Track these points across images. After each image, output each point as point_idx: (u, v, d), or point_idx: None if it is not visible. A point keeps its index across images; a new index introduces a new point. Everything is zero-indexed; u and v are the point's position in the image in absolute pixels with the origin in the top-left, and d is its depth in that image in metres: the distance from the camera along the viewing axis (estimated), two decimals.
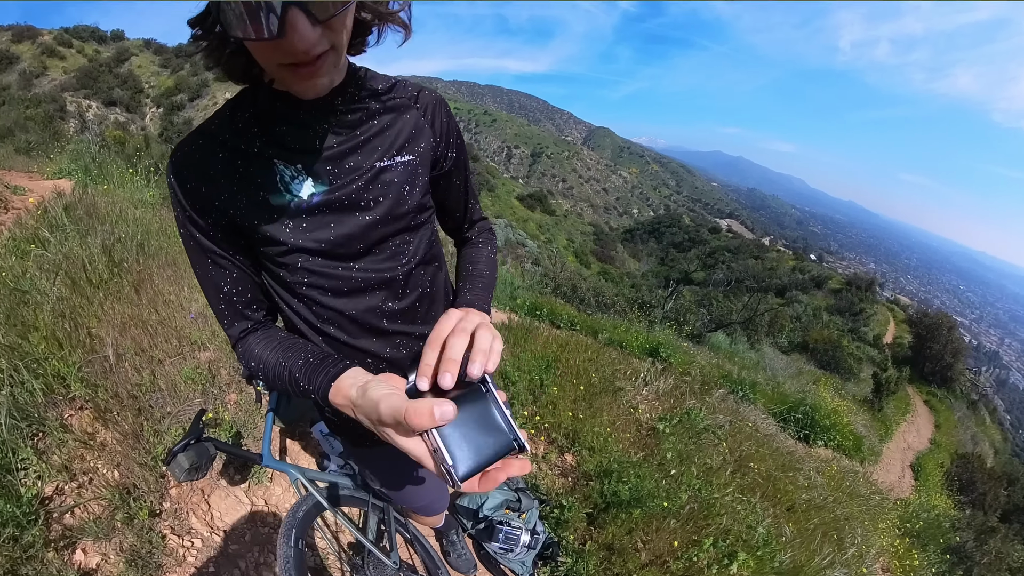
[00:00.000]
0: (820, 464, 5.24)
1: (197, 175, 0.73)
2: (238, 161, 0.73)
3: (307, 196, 0.75)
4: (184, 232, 0.76)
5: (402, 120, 0.82)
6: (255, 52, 0.63)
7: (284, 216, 0.75)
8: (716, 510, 2.57)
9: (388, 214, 0.80)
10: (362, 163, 0.78)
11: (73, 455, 1.87)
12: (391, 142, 0.80)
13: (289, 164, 0.74)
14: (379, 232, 0.81)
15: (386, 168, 0.79)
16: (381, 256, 0.83)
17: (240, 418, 2.30)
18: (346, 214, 0.78)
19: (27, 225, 3.59)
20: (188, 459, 1.28)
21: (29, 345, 2.14)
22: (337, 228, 0.78)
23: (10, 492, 1.63)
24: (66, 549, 1.61)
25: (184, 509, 1.89)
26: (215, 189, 0.73)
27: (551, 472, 2.69)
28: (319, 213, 0.76)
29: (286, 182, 0.74)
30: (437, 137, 0.87)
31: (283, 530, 1.51)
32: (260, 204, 0.74)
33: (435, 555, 1.91)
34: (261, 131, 0.74)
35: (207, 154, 0.73)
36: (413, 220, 0.85)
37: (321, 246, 0.77)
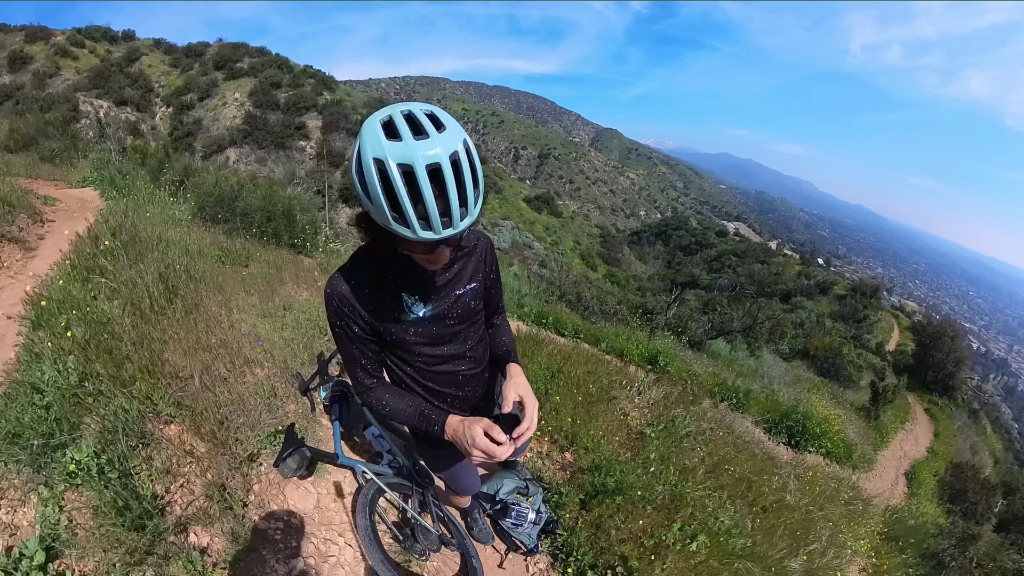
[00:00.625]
0: (801, 469, 5.65)
1: (354, 305, 1.27)
2: (378, 294, 1.29)
3: (422, 314, 1.34)
4: (339, 332, 1.32)
5: (469, 260, 1.41)
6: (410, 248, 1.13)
7: (410, 325, 1.35)
8: (686, 502, 3.11)
9: (463, 319, 1.43)
10: (451, 291, 1.38)
11: (172, 461, 2.32)
12: (465, 276, 1.41)
13: (411, 295, 1.33)
14: (458, 328, 1.44)
15: (463, 293, 1.40)
16: (459, 341, 1.47)
17: (301, 424, 2.79)
18: (442, 322, 1.39)
19: (83, 252, 3.98)
20: (295, 462, 1.76)
21: (123, 372, 2.60)
22: (438, 329, 1.40)
23: (134, 492, 2.09)
24: (182, 534, 2.08)
25: (267, 500, 2.37)
26: (366, 312, 1.29)
27: (552, 466, 3.24)
28: (428, 323, 1.37)
29: (409, 306, 1.33)
30: (487, 269, 1.48)
31: (358, 508, 2.06)
32: (395, 320, 1.33)
33: (461, 528, 2.46)
34: (393, 275, 1.29)
35: (360, 289, 1.27)
36: (475, 319, 1.49)
37: (429, 340, 1.41)
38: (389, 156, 0.95)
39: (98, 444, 2.21)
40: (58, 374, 2.53)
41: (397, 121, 0.98)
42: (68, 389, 2.46)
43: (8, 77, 35.30)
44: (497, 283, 1.56)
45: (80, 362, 2.61)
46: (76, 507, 2.04)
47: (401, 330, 1.34)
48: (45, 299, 3.16)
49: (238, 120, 33.33)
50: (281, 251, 6.42)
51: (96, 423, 2.34)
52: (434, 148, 0.96)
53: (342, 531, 2.40)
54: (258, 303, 3.83)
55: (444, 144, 0.97)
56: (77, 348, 2.71)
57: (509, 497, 2.64)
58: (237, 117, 33.61)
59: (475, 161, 1.03)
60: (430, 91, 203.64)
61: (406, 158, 0.95)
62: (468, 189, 1.02)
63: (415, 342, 1.38)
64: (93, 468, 2.10)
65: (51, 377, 2.50)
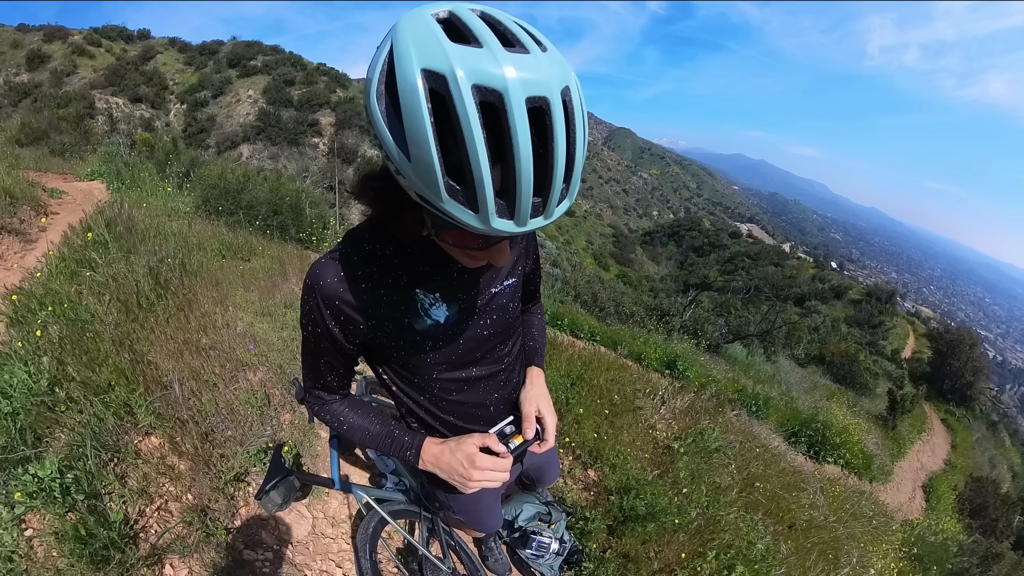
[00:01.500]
0: (826, 484, 5.40)
1: (343, 305, 0.86)
2: (381, 291, 0.87)
3: (443, 319, 0.92)
4: (309, 336, 0.93)
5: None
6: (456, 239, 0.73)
7: (426, 338, 0.92)
8: (721, 526, 2.83)
9: (499, 326, 1.01)
10: (483, 289, 0.96)
11: (149, 480, 2.04)
12: (501, 271, 0.99)
13: (429, 292, 0.90)
14: (492, 342, 1.02)
15: (500, 292, 0.99)
16: (492, 358, 1.04)
17: (297, 437, 2.50)
18: (470, 330, 0.97)
19: (73, 244, 3.78)
20: (280, 495, 1.42)
21: (97, 376, 2.31)
22: (465, 343, 0.97)
23: (101, 516, 1.81)
24: (156, 565, 1.80)
25: (255, 525, 2.08)
26: (364, 317, 0.88)
27: (575, 486, 2.96)
28: (451, 332, 0.94)
29: (426, 308, 0.90)
30: (529, 259, 1.10)
31: (359, 545, 1.78)
32: (405, 328, 0.91)
33: (475, 559, 2.19)
34: (405, 267, 0.87)
35: (354, 284, 0.85)
36: (512, 327, 1.07)
37: (452, 358, 0.98)
38: (459, 68, 0.52)
39: (65, 460, 1.94)
40: (28, 377, 2.27)
41: (467, 19, 0.56)
42: (37, 395, 2.20)
43: (27, 75, 35.87)
44: (537, 270, 1.19)
45: (54, 364, 2.35)
46: (39, 533, 1.79)
47: (412, 342, 0.93)
48: (17, 294, 2.91)
49: (251, 117, 33.31)
50: (286, 245, 6.16)
51: (65, 435, 2.09)
52: (540, 71, 0.54)
53: (340, 561, 2.13)
54: (258, 300, 3.59)
55: (553, 69, 0.56)
56: (52, 348, 2.45)
57: (529, 524, 2.35)
58: (250, 114, 33.63)
59: (585, 111, 0.61)
60: None
61: (492, 79, 0.52)
62: (578, 152, 0.60)
63: (432, 361, 0.97)
64: (56, 488, 1.82)
65: (20, 380, 2.24)
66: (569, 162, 0.59)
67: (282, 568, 1.99)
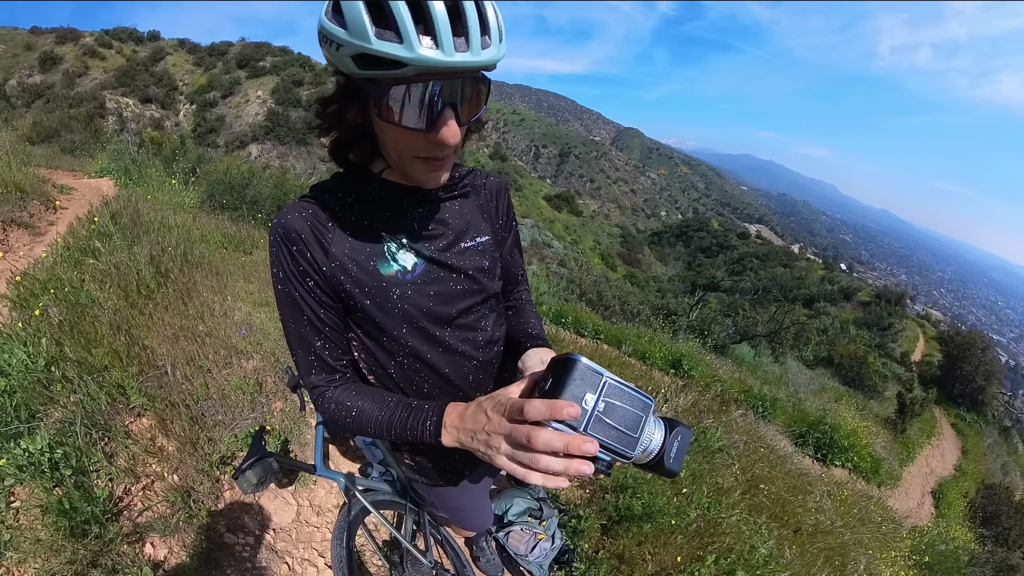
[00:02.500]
0: (832, 487, 5.29)
1: (308, 241, 0.82)
2: (348, 231, 0.85)
3: (411, 266, 0.88)
4: (282, 289, 0.85)
5: (476, 204, 0.99)
6: (400, 140, 0.75)
7: (393, 285, 0.87)
8: (722, 529, 2.75)
9: (474, 283, 0.94)
10: (453, 241, 0.92)
11: (137, 459, 2.09)
12: (471, 223, 0.96)
13: (394, 236, 0.87)
14: (467, 301, 0.94)
15: (470, 247, 0.95)
16: (467, 321, 0.96)
17: (287, 425, 2.50)
18: (442, 283, 0.91)
19: (79, 234, 3.88)
20: (256, 475, 1.39)
21: (93, 358, 2.39)
22: (436, 295, 0.90)
23: (87, 492, 1.87)
24: (137, 543, 1.84)
25: (238, 510, 2.09)
26: (326, 256, 0.83)
27: (571, 484, 2.90)
28: (421, 282, 0.89)
29: (392, 252, 0.87)
30: (501, 219, 1.05)
31: (335, 533, 1.73)
32: (371, 272, 0.86)
33: (463, 556, 2.12)
34: (368, 211, 0.86)
35: (318, 223, 0.83)
36: (492, 291, 0.99)
37: (423, 311, 0.89)
38: None
39: (56, 436, 2.00)
40: (27, 357, 2.33)
41: None
42: (34, 373, 2.26)
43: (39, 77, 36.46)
44: (517, 242, 1.12)
45: (52, 345, 2.41)
46: (25, 505, 1.83)
47: (378, 289, 0.86)
48: (20, 277, 2.98)
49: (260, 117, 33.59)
50: None
51: (58, 412, 2.14)
52: None
53: (323, 550, 2.10)
54: (257, 291, 3.58)
55: None
56: (51, 330, 2.51)
57: (519, 520, 2.30)
58: (259, 114, 33.90)
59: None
60: None
61: None
62: (485, 9, 0.69)
63: (404, 312, 0.88)
64: (45, 463, 1.89)
65: (19, 360, 2.30)
66: (480, 11, 0.67)
67: (263, 554, 1.98)
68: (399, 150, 0.77)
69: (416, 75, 0.67)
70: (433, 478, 1.21)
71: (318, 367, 0.90)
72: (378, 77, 0.68)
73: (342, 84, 0.77)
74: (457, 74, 0.69)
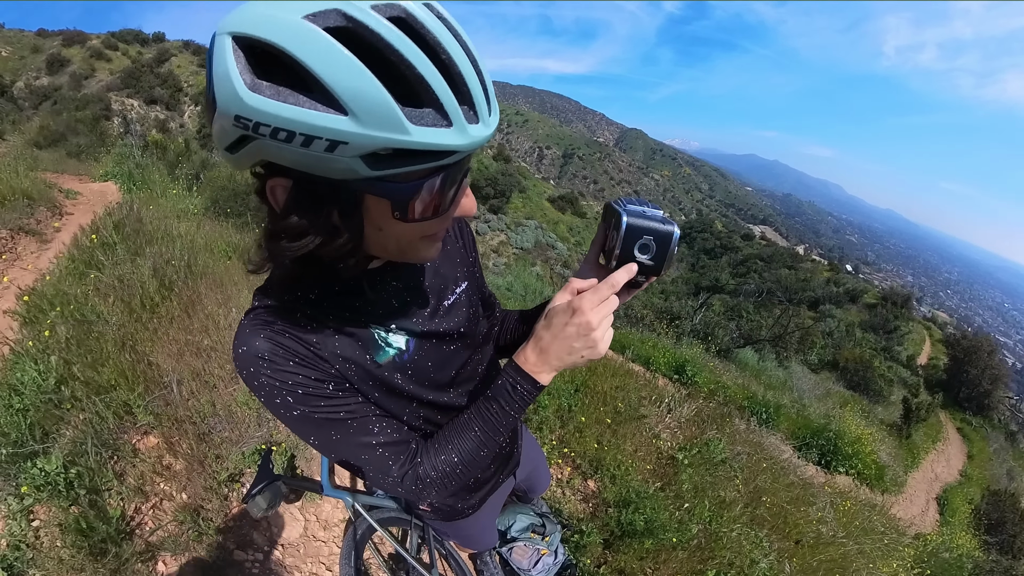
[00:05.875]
0: (836, 497, 5.27)
1: (299, 351, 0.68)
2: (328, 331, 0.71)
3: (404, 345, 0.80)
4: (305, 412, 0.69)
5: (444, 252, 0.91)
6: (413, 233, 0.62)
7: (394, 371, 0.79)
8: (722, 543, 2.76)
9: (466, 338, 0.90)
10: (436, 304, 0.85)
11: (145, 478, 2.12)
12: (447, 276, 0.89)
13: (380, 322, 0.77)
14: (462, 356, 0.91)
15: (454, 302, 0.89)
16: (465, 375, 0.93)
17: (292, 441, 2.51)
18: (437, 350, 0.85)
19: (83, 245, 3.88)
20: (265, 500, 1.43)
21: (99, 376, 2.40)
22: (435, 366, 0.85)
23: (101, 511, 1.92)
24: (150, 561, 1.89)
25: (246, 526, 2.12)
26: (325, 362, 0.70)
27: (574, 498, 2.91)
28: (418, 358, 0.82)
29: (383, 337, 0.77)
30: (470, 255, 1.00)
31: (343, 552, 1.76)
32: (370, 367, 0.75)
33: (468, 571, 2.15)
34: (342, 302, 0.74)
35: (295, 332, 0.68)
36: (482, 336, 0.98)
37: (425, 385, 0.84)
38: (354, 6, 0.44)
39: (69, 455, 2.04)
40: (38, 375, 2.37)
41: None
42: (45, 393, 2.30)
43: (47, 79, 36.75)
44: (480, 270, 1.06)
45: (61, 364, 2.44)
46: (45, 524, 1.89)
47: (384, 380, 0.78)
48: (27, 294, 3.01)
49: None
50: None
51: (70, 431, 2.18)
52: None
53: (331, 564, 2.14)
54: None
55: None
56: (59, 348, 2.54)
57: (522, 536, 2.32)
58: None
59: None
60: None
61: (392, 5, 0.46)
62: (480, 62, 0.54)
63: (407, 394, 0.82)
64: (61, 482, 1.94)
65: (31, 378, 2.34)
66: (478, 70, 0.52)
67: (272, 570, 2.02)
68: (407, 241, 0.64)
69: (459, 161, 0.55)
70: (449, 515, 1.22)
71: (394, 454, 0.75)
72: (405, 174, 0.53)
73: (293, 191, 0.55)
74: None
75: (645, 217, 0.70)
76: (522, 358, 0.74)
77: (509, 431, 0.78)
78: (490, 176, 39.17)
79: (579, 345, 0.69)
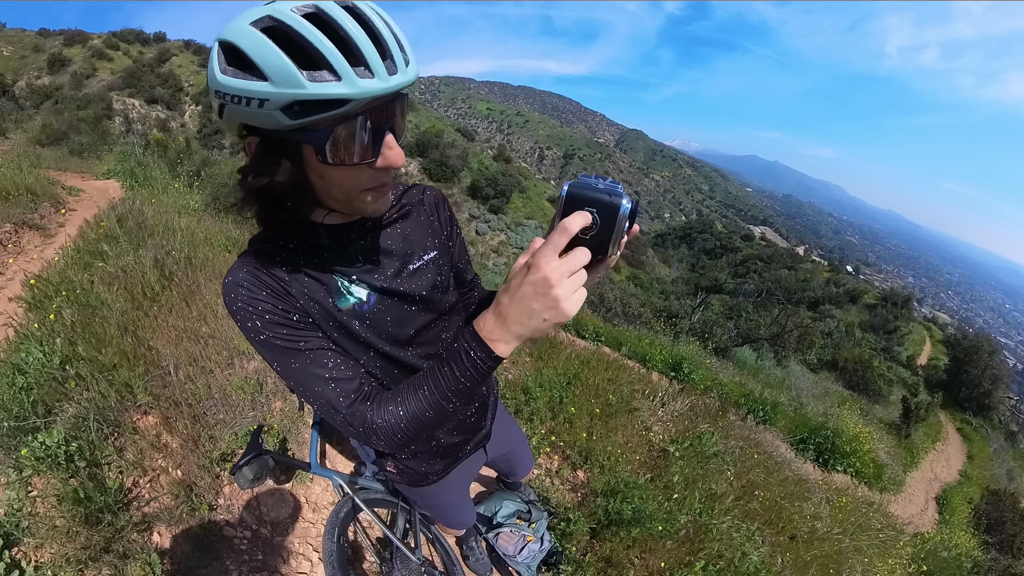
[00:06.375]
0: (832, 493, 5.26)
1: (272, 287, 0.81)
2: (300, 275, 0.84)
3: (365, 297, 0.89)
4: (269, 336, 0.80)
5: (417, 222, 1.00)
6: (346, 180, 0.74)
7: (353, 317, 0.88)
8: (712, 535, 2.76)
9: (428, 302, 0.98)
10: (401, 267, 0.94)
11: (144, 454, 2.20)
12: (416, 243, 0.98)
13: (344, 273, 0.87)
14: (422, 319, 0.98)
15: (419, 267, 0.97)
16: (426, 338, 1.00)
17: (285, 425, 2.58)
18: (397, 308, 0.94)
19: (88, 237, 4.02)
20: (252, 471, 1.45)
21: (103, 357, 2.51)
22: (394, 321, 0.94)
23: (99, 483, 1.99)
24: (145, 531, 1.95)
25: (237, 504, 2.18)
26: (292, 297, 0.82)
27: (562, 487, 2.92)
28: (377, 310, 0.91)
29: (346, 286, 0.87)
30: (445, 230, 1.06)
31: (327, 528, 1.78)
32: (331, 309, 0.86)
33: (453, 555, 2.16)
34: (314, 253, 0.85)
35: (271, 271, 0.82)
36: (446, 306, 1.04)
37: (382, 337, 0.93)
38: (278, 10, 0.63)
39: (71, 430, 2.13)
40: (43, 356, 2.47)
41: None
42: (49, 371, 2.39)
43: (48, 78, 36.88)
44: (463, 247, 1.14)
45: (65, 344, 2.54)
46: (42, 494, 1.96)
47: (342, 324, 0.88)
48: (34, 279, 3.13)
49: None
50: None
51: (72, 408, 2.26)
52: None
53: (318, 545, 2.19)
54: None
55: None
56: (65, 330, 2.64)
57: (508, 522, 2.32)
58: None
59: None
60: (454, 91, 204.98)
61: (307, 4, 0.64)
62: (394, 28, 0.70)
63: (364, 341, 0.91)
64: (61, 455, 2.02)
65: (35, 359, 2.44)
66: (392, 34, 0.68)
67: (260, 547, 2.07)
68: (346, 190, 0.76)
69: (359, 109, 0.67)
70: (414, 479, 1.28)
71: (344, 391, 0.82)
72: (315, 122, 0.66)
73: (259, 144, 0.72)
74: (387, 98, 0.70)
75: (591, 188, 0.64)
76: (479, 323, 0.70)
77: (461, 398, 0.75)
78: (490, 176, 39.20)
79: (539, 306, 0.63)
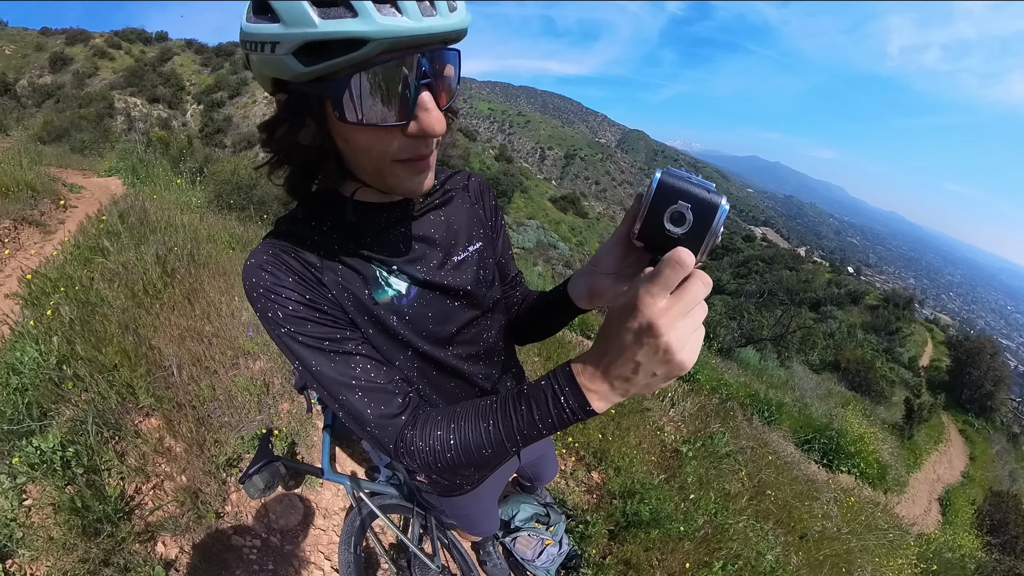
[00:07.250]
0: (839, 494, 5.25)
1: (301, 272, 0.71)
2: (333, 261, 0.74)
3: (405, 290, 0.79)
4: (291, 330, 0.69)
5: (461, 210, 0.90)
6: (374, 146, 0.63)
7: (390, 312, 0.78)
8: (729, 535, 2.73)
9: (472, 297, 0.88)
10: (444, 258, 0.84)
11: (147, 458, 2.10)
12: (460, 233, 0.88)
13: (383, 262, 0.77)
14: (465, 315, 0.88)
15: (464, 259, 0.87)
16: (468, 336, 0.91)
17: (294, 427, 2.48)
18: (439, 303, 0.83)
19: (89, 232, 3.93)
20: (263, 480, 1.39)
21: (103, 356, 2.40)
22: (435, 317, 0.83)
23: (98, 491, 1.88)
24: (149, 542, 1.85)
25: (245, 512, 2.09)
26: (323, 287, 0.72)
27: (578, 489, 2.88)
28: (417, 306, 0.81)
29: (384, 277, 0.77)
30: (490, 220, 0.97)
31: (343, 537, 1.73)
32: (367, 302, 0.76)
33: (470, 561, 2.12)
34: (349, 237, 0.76)
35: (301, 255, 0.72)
36: (491, 303, 0.94)
37: (422, 335, 0.82)
38: None
39: (67, 434, 2.02)
40: (39, 355, 2.36)
41: None
42: (45, 371, 2.28)
43: (50, 77, 36.90)
44: (507, 240, 1.04)
45: (63, 343, 2.44)
46: (37, 503, 1.85)
47: (379, 319, 0.77)
48: (31, 274, 3.02)
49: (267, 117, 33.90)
50: None
51: (70, 410, 2.16)
52: None
53: (329, 553, 2.11)
54: None
55: None
56: (62, 328, 2.54)
57: (526, 525, 2.29)
58: (266, 115, 34.06)
59: None
60: None
61: None
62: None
63: (403, 338, 0.80)
64: (56, 461, 1.91)
65: (31, 358, 2.33)
66: None
67: (270, 556, 1.99)
68: (375, 159, 0.65)
69: (380, 53, 0.56)
70: (447, 490, 1.19)
71: (374, 401, 0.70)
72: (332, 69, 0.57)
73: (285, 101, 0.65)
74: (425, 46, 0.59)
75: (686, 180, 0.55)
76: (579, 367, 0.58)
77: (528, 442, 0.63)
78: (492, 176, 39.18)
79: (645, 360, 0.52)
